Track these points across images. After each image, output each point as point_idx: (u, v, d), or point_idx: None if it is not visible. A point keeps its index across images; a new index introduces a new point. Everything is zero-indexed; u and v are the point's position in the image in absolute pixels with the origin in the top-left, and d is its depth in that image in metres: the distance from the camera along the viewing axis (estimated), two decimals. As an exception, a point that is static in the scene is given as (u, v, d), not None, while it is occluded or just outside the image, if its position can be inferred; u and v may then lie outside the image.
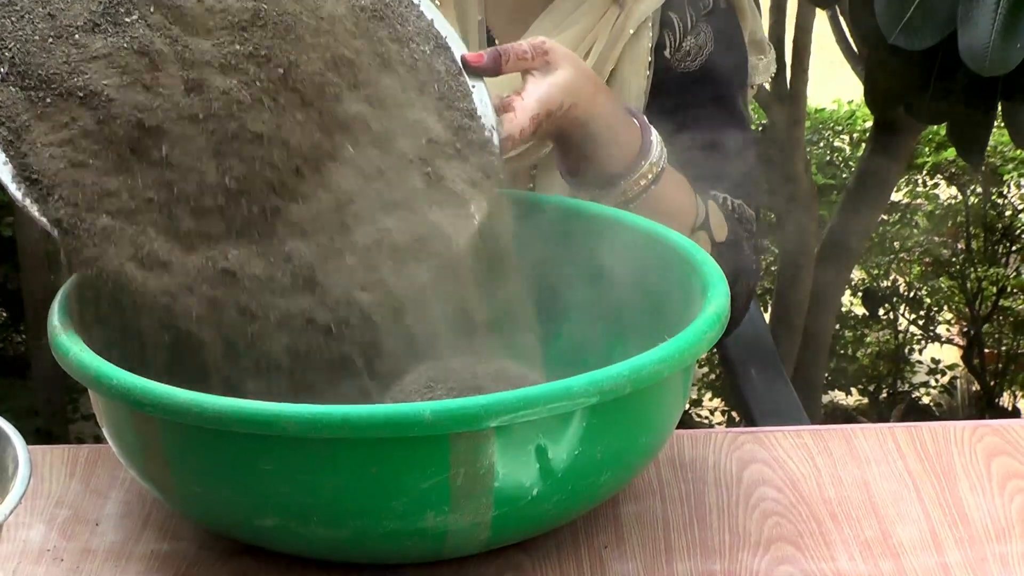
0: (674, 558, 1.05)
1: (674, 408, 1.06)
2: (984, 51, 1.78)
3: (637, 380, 0.96)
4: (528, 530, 1.03)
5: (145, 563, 1.05)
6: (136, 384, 0.95)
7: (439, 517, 0.95)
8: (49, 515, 1.11)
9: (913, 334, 4.30)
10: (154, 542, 1.08)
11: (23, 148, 1.00)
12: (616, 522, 1.09)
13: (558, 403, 0.93)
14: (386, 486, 0.93)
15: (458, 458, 0.93)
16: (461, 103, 1.17)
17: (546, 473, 0.96)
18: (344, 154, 1.07)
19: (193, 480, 0.99)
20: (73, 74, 1.02)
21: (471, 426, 0.91)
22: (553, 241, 1.23)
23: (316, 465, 0.93)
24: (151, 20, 1.03)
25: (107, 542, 1.08)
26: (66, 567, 1.05)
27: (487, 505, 0.95)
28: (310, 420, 0.90)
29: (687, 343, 1.00)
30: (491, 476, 0.94)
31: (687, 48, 1.45)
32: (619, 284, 1.20)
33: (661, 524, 1.09)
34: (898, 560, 1.05)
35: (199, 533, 1.08)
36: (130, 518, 1.11)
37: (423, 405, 0.91)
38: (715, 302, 1.05)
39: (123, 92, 1.01)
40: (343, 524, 0.96)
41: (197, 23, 1.04)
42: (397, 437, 0.91)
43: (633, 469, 1.05)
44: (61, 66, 1.02)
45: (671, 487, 1.14)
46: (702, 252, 1.14)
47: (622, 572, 1.04)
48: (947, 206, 4.22)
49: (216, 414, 0.92)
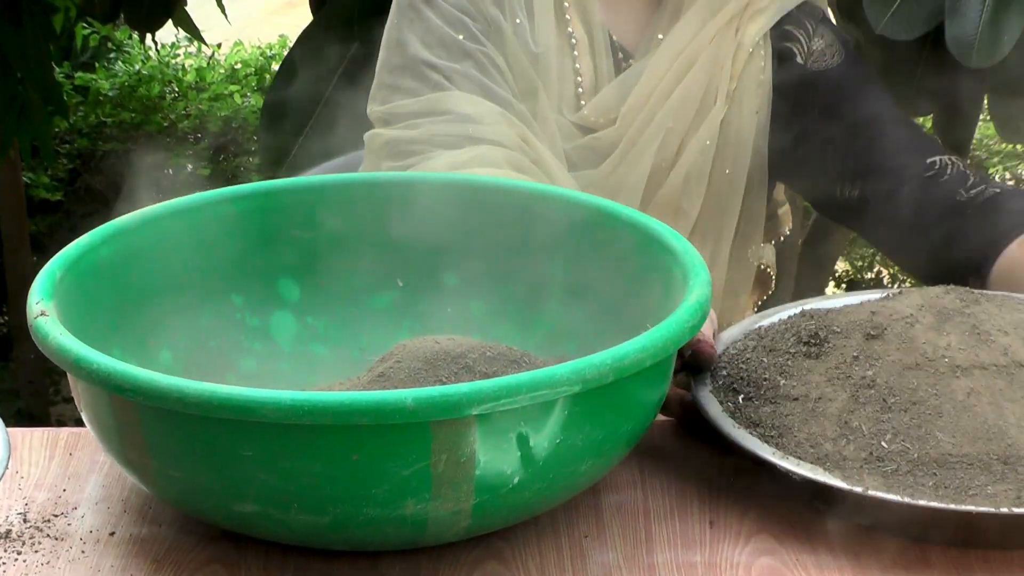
0: (655, 548, 1.05)
1: (655, 396, 1.06)
2: (971, 42, 1.78)
3: (620, 369, 0.96)
4: (508, 518, 1.02)
5: (124, 547, 1.05)
6: (116, 369, 0.95)
7: (419, 504, 0.95)
8: (27, 498, 1.11)
9: (896, 325, 4.30)
10: (133, 526, 1.07)
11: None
12: (597, 512, 1.09)
13: (541, 391, 0.93)
14: (367, 473, 0.93)
15: (440, 445, 0.92)
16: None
17: (527, 461, 0.96)
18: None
19: (172, 465, 0.98)
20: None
21: (453, 414, 0.91)
22: (528, 227, 1.24)
23: (297, 452, 0.93)
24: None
25: (86, 526, 1.07)
26: (44, 551, 1.04)
27: (468, 492, 0.95)
28: (290, 407, 0.90)
29: (670, 332, 1.00)
30: (472, 464, 0.94)
31: (817, 49, 1.53)
32: (601, 272, 1.20)
33: (642, 514, 1.09)
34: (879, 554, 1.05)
35: (178, 518, 1.08)
36: (109, 502, 1.10)
37: (405, 393, 0.91)
38: (697, 291, 1.05)
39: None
40: (323, 511, 0.96)
41: None
42: (378, 424, 0.91)
43: (613, 458, 1.05)
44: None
45: (652, 477, 1.14)
46: (683, 241, 1.14)
47: (602, 562, 1.04)
48: (932, 198, 4.23)
49: (196, 400, 0.92)
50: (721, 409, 1.11)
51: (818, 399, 1.09)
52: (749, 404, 1.11)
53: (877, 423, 1.06)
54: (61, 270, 1.10)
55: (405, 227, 1.26)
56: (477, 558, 1.03)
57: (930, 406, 1.06)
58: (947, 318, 1.12)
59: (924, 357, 1.09)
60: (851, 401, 1.08)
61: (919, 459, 1.03)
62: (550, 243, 1.23)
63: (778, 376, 1.12)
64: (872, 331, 1.11)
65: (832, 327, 1.14)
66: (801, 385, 1.10)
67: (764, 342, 1.17)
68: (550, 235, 1.23)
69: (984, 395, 1.06)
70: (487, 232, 1.26)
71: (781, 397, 1.10)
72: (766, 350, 1.15)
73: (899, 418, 1.06)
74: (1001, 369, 1.08)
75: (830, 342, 1.12)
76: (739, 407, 1.11)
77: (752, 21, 1.50)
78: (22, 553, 1.04)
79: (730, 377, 1.14)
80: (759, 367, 1.14)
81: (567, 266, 1.23)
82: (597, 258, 1.21)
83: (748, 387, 1.12)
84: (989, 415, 1.05)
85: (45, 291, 1.05)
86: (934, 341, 1.10)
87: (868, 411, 1.07)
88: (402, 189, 1.28)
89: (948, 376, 1.07)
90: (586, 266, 1.22)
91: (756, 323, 1.22)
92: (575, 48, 1.48)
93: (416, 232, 1.26)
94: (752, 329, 1.21)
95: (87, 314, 1.11)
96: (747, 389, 1.12)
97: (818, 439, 1.06)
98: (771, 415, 1.09)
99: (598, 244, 1.21)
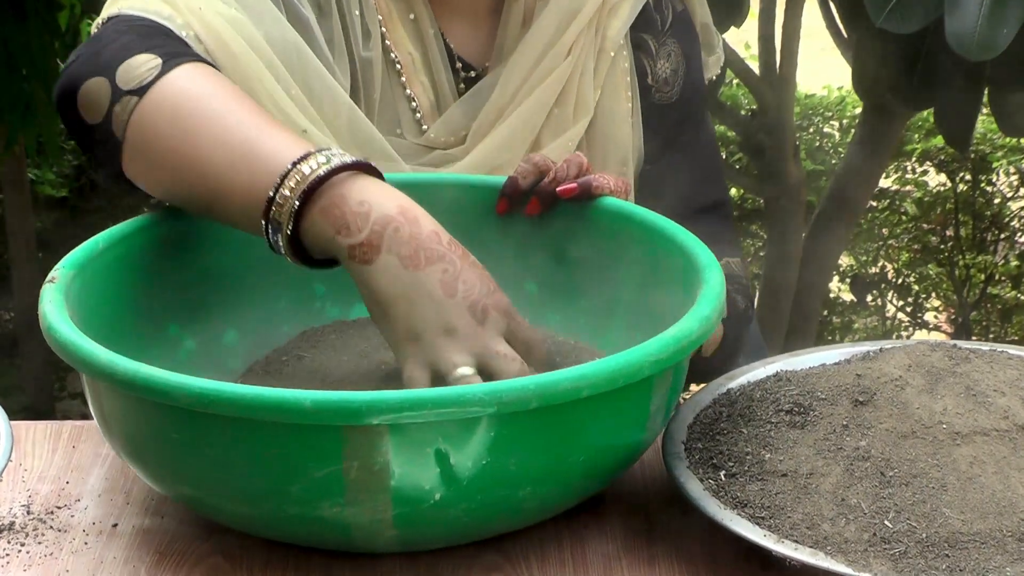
0: (655, 539, 1.06)
1: (626, 429, 1.01)
2: (971, 36, 1.78)
3: (546, 396, 0.93)
4: (444, 535, 1.00)
5: (127, 539, 1.06)
6: (69, 340, 0.98)
7: (335, 508, 0.94)
8: (31, 490, 1.11)
9: (901, 321, 4.31)
10: (136, 518, 1.08)
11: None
12: (597, 502, 1.09)
13: (448, 409, 0.91)
14: (282, 470, 0.94)
15: (351, 451, 0.92)
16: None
17: (449, 479, 0.94)
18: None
19: (123, 441, 1.02)
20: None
21: (353, 420, 0.91)
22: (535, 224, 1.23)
23: (216, 440, 0.95)
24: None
25: (89, 518, 1.08)
26: (48, 543, 1.05)
27: (386, 503, 0.94)
28: (199, 394, 0.92)
29: (611, 368, 0.95)
30: (387, 474, 0.93)
31: (662, 75, 1.42)
32: (612, 274, 1.19)
33: (642, 504, 1.09)
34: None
35: (180, 509, 1.08)
36: (112, 494, 1.11)
37: (306, 394, 0.91)
38: (667, 337, 0.99)
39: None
40: (252, 502, 0.97)
41: None
42: (290, 423, 0.91)
43: (574, 488, 1.02)
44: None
45: (652, 468, 1.14)
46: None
47: (603, 552, 1.04)
48: (936, 193, 4.23)
49: (124, 378, 0.95)
50: (703, 487, 1.03)
51: (809, 474, 1.01)
52: (733, 481, 1.03)
53: (877, 499, 0.99)
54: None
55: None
56: (477, 549, 1.03)
57: (932, 479, 0.99)
58: (938, 379, 1.06)
59: (920, 424, 1.02)
60: (846, 475, 1.00)
61: (928, 539, 0.96)
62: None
63: (762, 449, 1.04)
64: (860, 396, 1.05)
65: (815, 393, 1.07)
66: (789, 459, 1.03)
67: (738, 409, 1.09)
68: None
69: (988, 464, 1.00)
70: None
71: (768, 473, 1.02)
72: (743, 419, 1.08)
73: (900, 493, 0.99)
74: (1003, 434, 1.02)
75: (815, 410, 1.06)
76: (722, 485, 1.03)
77: (613, 16, 1.37)
78: (25, 545, 1.04)
79: (707, 451, 1.06)
80: (739, 439, 1.06)
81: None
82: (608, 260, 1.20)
83: (730, 462, 1.04)
84: (996, 486, 0.99)
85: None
86: (928, 405, 1.04)
87: (866, 486, 0.99)
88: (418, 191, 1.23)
89: (948, 444, 1.01)
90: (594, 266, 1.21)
91: (724, 386, 1.14)
92: (401, 74, 1.35)
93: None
94: (721, 394, 1.13)
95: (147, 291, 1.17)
96: (728, 465, 1.04)
97: (814, 520, 0.98)
98: (759, 493, 1.01)
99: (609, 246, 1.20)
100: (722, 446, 1.06)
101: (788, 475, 1.02)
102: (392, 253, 1.03)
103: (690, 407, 1.12)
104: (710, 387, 1.15)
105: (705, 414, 1.11)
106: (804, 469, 1.02)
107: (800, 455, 1.03)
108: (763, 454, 1.04)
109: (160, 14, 1.20)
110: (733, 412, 1.09)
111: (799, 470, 1.02)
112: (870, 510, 0.98)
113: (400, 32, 1.35)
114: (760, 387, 1.12)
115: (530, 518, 1.02)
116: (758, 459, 1.04)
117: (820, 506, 0.99)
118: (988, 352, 1.12)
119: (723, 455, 1.05)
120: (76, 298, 1.07)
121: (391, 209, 1.04)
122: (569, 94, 1.36)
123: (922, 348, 1.10)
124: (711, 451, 1.06)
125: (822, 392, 1.07)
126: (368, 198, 1.05)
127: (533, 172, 1.21)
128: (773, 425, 1.06)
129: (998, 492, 0.99)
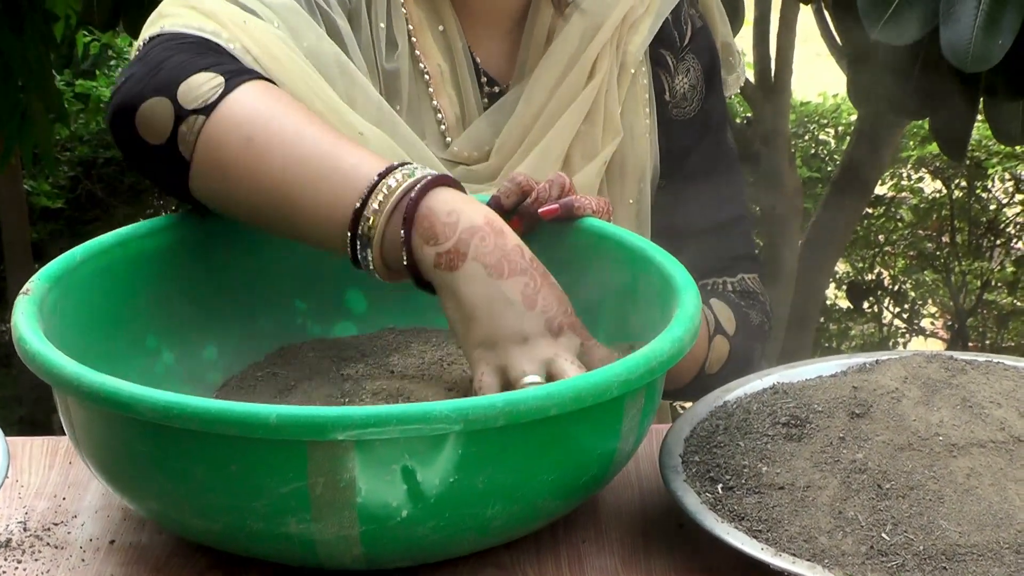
0: (652, 554, 1.06)
1: (596, 449, 1.01)
2: (966, 47, 1.79)
3: (513, 414, 0.92)
4: (411, 553, 0.99)
5: (124, 555, 1.05)
6: (38, 352, 0.98)
7: (301, 524, 0.94)
8: (27, 507, 1.11)
9: (897, 327, 4.31)
10: (133, 534, 1.08)
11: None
12: (595, 516, 1.09)
13: (414, 425, 0.91)
14: (246, 485, 0.93)
15: (316, 467, 0.92)
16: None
17: (416, 496, 0.94)
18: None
19: (93, 453, 1.01)
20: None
21: (317, 435, 0.90)
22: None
23: (181, 453, 0.94)
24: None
25: (86, 534, 1.08)
26: (44, 559, 1.05)
27: (352, 519, 0.94)
28: (164, 407, 0.92)
29: (578, 387, 0.95)
30: (353, 490, 0.92)
31: (680, 90, 1.43)
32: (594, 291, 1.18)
33: (640, 519, 1.10)
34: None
35: (178, 526, 1.08)
36: (109, 510, 1.11)
37: (271, 408, 0.91)
38: (636, 357, 0.99)
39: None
40: (213, 517, 0.97)
41: None
42: (253, 438, 0.91)
43: (543, 507, 1.00)
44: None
45: (649, 482, 1.14)
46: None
47: (600, 567, 1.04)
48: (932, 200, 4.24)
49: (89, 391, 0.94)
50: (700, 501, 1.02)
51: (807, 487, 1.01)
52: (730, 495, 1.02)
53: (874, 512, 0.98)
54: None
55: None
56: (476, 564, 1.03)
57: (929, 491, 0.99)
58: (935, 391, 1.06)
59: (916, 436, 1.02)
60: (843, 488, 1.00)
61: (925, 552, 0.96)
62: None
63: (758, 462, 1.04)
64: (857, 409, 1.05)
65: (812, 405, 1.07)
66: (786, 472, 1.02)
67: (735, 422, 1.09)
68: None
69: (985, 476, 1.00)
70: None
71: (765, 486, 1.02)
72: (740, 432, 1.07)
73: (898, 505, 0.98)
74: (999, 446, 1.02)
75: (812, 422, 1.05)
76: (719, 498, 1.02)
77: (634, 32, 1.38)
78: (22, 562, 1.04)
79: (704, 464, 1.06)
80: (736, 452, 1.05)
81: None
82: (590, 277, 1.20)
83: (727, 475, 1.04)
84: (993, 498, 0.98)
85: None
86: (925, 417, 1.03)
87: (863, 499, 0.99)
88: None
89: (944, 456, 1.01)
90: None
91: (720, 398, 1.14)
92: (429, 85, 1.36)
93: None
94: (718, 406, 1.13)
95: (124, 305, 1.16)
96: (725, 478, 1.04)
97: (812, 532, 0.98)
98: (756, 506, 1.01)
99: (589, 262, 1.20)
100: (719, 459, 1.06)
101: (785, 488, 1.02)
102: (478, 261, 1.04)
103: (687, 420, 1.12)
104: (707, 400, 1.15)
105: (702, 427, 1.11)
106: (801, 482, 1.01)
107: (797, 468, 1.03)
108: (760, 467, 1.04)
109: (205, 29, 1.19)
110: (730, 425, 1.09)
111: (796, 483, 1.02)
112: (867, 523, 0.98)
113: (429, 43, 1.36)
114: (757, 400, 1.12)
115: (499, 537, 1.02)
116: (755, 472, 1.03)
117: (817, 519, 0.99)
118: (984, 363, 1.12)
119: (720, 468, 1.05)
120: (51, 310, 1.07)
121: (478, 219, 1.06)
122: (596, 113, 1.37)
123: (918, 360, 1.10)
124: (708, 464, 1.06)
125: (818, 404, 1.07)
126: (456, 208, 1.06)
127: (516, 192, 1.20)
128: (770, 438, 1.06)
129: (995, 504, 0.98)
